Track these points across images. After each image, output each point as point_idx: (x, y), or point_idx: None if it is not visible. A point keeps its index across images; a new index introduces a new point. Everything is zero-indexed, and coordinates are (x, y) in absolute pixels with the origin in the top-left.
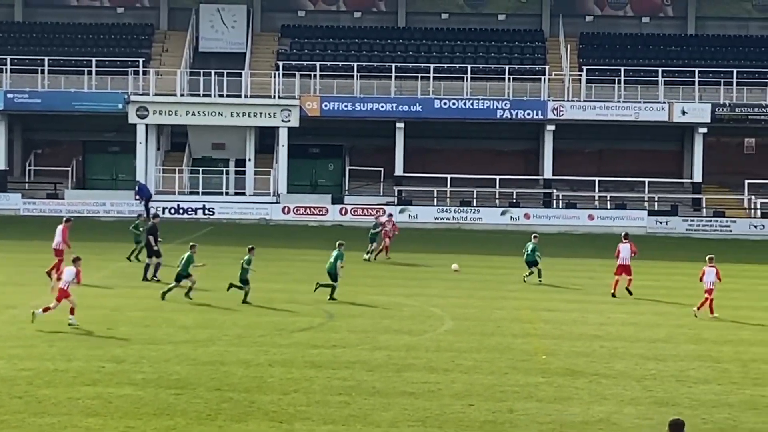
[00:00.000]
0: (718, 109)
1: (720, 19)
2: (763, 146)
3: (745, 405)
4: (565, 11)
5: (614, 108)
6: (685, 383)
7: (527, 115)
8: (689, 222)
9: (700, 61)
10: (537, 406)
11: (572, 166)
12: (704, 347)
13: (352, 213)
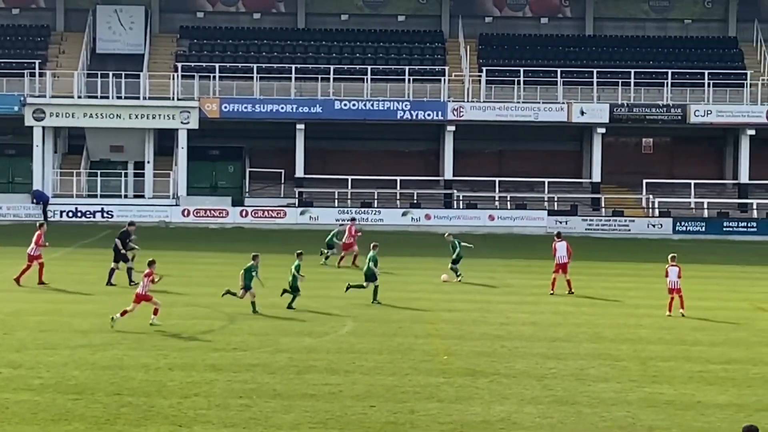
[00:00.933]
0: (616, 109)
1: (617, 20)
2: (661, 146)
3: (644, 402)
4: (465, 12)
5: (514, 108)
6: (584, 381)
7: (427, 116)
8: (588, 221)
9: (598, 61)
10: (438, 407)
11: (473, 166)
12: (603, 346)
13: (253, 215)
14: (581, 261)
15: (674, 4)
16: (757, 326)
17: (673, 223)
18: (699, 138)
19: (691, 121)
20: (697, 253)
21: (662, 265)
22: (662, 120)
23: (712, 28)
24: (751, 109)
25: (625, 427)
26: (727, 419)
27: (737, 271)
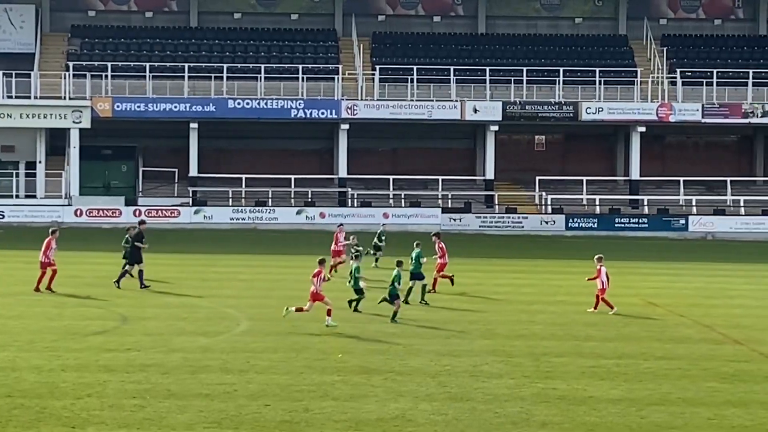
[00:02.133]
0: (508, 107)
1: (509, 18)
2: (553, 143)
3: (537, 398)
4: (358, 11)
5: (407, 107)
6: (478, 378)
7: (321, 114)
8: (482, 219)
9: (490, 59)
10: (333, 405)
11: (367, 164)
12: (497, 342)
13: (146, 214)
14: (476, 258)
15: (565, 3)
16: (648, 321)
17: (565, 220)
18: (591, 135)
19: (583, 118)
20: (590, 249)
21: (556, 261)
22: (554, 117)
23: (603, 27)
24: (642, 107)
25: (518, 422)
26: (619, 413)
27: (629, 267)
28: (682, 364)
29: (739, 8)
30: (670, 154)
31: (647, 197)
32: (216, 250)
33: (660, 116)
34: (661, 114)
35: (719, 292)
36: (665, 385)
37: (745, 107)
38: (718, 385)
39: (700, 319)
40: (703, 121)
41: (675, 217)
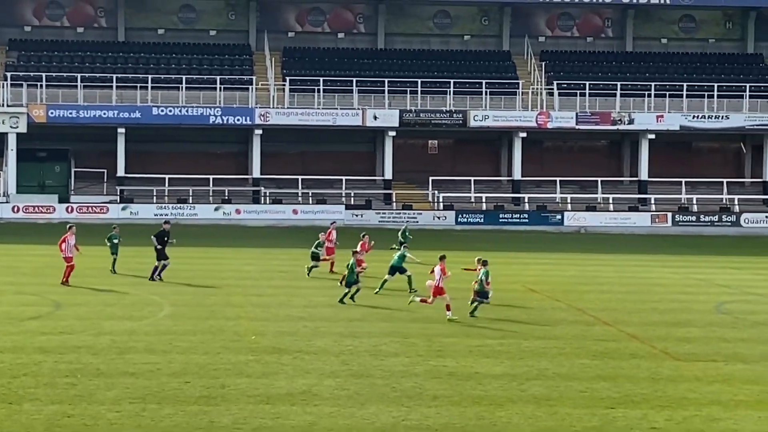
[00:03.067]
0: (405, 114)
1: (406, 35)
2: (445, 147)
3: (429, 374)
4: (270, 27)
5: (314, 114)
6: (377, 356)
7: (237, 120)
8: (381, 214)
9: (389, 72)
10: (247, 381)
11: (278, 166)
12: (395, 325)
13: (78, 211)
14: (376, 249)
15: (455, 22)
16: (528, 306)
17: (455, 216)
18: (478, 140)
19: (471, 125)
20: (477, 242)
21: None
22: (445, 124)
23: (489, 43)
24: (523, 115)
25: (413, 396)
26: (502, 387)
27: (511, 257)
28: (558, 343)
29: (609, 27)
30: (548, 157)
31: (528, 195)
32: (141, 243)
33: (539, 123)
34: (540, 121)
35: (591, 279)
36: (543, 362)
37: (614, 115)
38: (589, 361)
39: (574, 303)
40: (577, 128)
41: (552, 213)
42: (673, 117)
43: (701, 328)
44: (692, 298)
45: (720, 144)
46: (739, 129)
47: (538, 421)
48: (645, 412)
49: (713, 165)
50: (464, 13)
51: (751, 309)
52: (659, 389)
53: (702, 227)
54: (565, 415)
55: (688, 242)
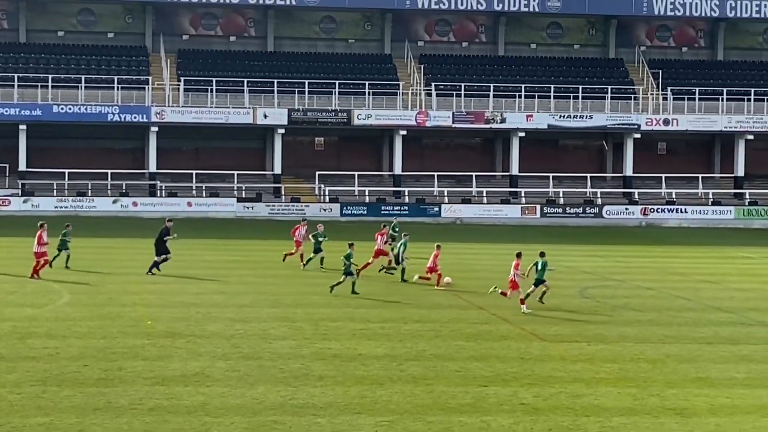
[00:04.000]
0: (293, 113)
1: (294, 38)
2: (330, 144)
3: (315, 356)
4: (165, 31)
5: (208, 112)
6: (266, 340)
7: (134, 118)
8: (271, 207)
9: (278, 73)
10: (143, 364)
11: (173, 161)
12: (282, 310)
13: None
14: (267, 239)
15: (340, 26)
16: (407, 291)
17: (340, 208)
18: (361, 137)
19: (355, 123)
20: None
21: (333, 242)
22: (331, 122)
23: (371, 47)
24: (403, 114)
25: (299, 376)
26: (383, 368)
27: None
28: (435, 326)
29: (482, 33)
30: (427, 153)
31: (408, 189)
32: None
33: (418, 122)
34: (419, 120)
35: (466, 266)
36: (421, 344)
37: (488, 115)
38: (464, 343)
39: (451, 288)
40: (454, 126)
41: (430, 205)
42: (542, 116)
43: (567, 312)
44: (559, 284)
45: (584, 142)
46: (602, 128)
47: (416, 399)
48: (515, 390)
49: (578, 161)
50: (349, 19)
51: (612, 294)
52: (528, 368)
53: (567, 218)
54: (441, 393)
55: (555, 232)
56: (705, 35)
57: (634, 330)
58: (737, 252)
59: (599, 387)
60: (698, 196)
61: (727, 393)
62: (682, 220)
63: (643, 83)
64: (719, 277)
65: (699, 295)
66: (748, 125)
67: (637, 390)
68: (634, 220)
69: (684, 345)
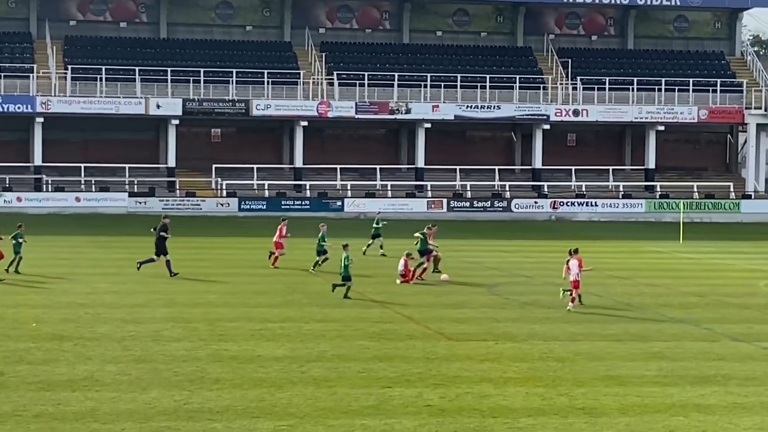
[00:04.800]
0: (188, 103)
1: (188, 25)
2: (228, 135)
3: (212, 358)
4: (51, 16)
5: (97, 102)
6: (159, 342)
7: (18, 109)
8: (165, 202)
9: (172, 61)
10: (27, 369)
11: (61, 154)
12: (177, 310)
13: None
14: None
15: (237, 13)
16: (308, 290)
17: (238, 202)
18: (260, 128)
19: (253, 114)
20: (260, 228)
21: (230, 239)
22: (228, 113)
23: (271, 34)
24: (304, 104)
25: (194, 380)
26: (283, 369)
27: (294, 243)
28: (337, 326)
29: (386, 20)
30: (329, 145)
31: (309, 182)
32: None
33: (320, 112)
34: (321, 110)
35: (371, 263)
36: (323, 344)
37: (392, 105)
38: (368, 342)
39: (354, 286)
40: (357, 117)
41: (333, 199)
42: (448, 107)
43: (474, 309)
44: (466, 281)
45: (492, 133)
46: (510, 118)
47: (318, 402)
48: (420, 391)
49: (486, 153)
50: (246, 4)
51: (520, 290)
52: (434, 368)
53: (475, 212)
54: (344, 395)
55: (462, 227)
56: (615, 23)
57: (543, 327)
58: (648, 246)
59: (507, 387)
60: (609, 188)
61: (638, 391)
62: (592, 213)
63: (552, 72)
64: (630, 272)
65: (609, 291)
66: (659, 116)
67: (546, 389)
68: (543, 214)
69: (594, 342)
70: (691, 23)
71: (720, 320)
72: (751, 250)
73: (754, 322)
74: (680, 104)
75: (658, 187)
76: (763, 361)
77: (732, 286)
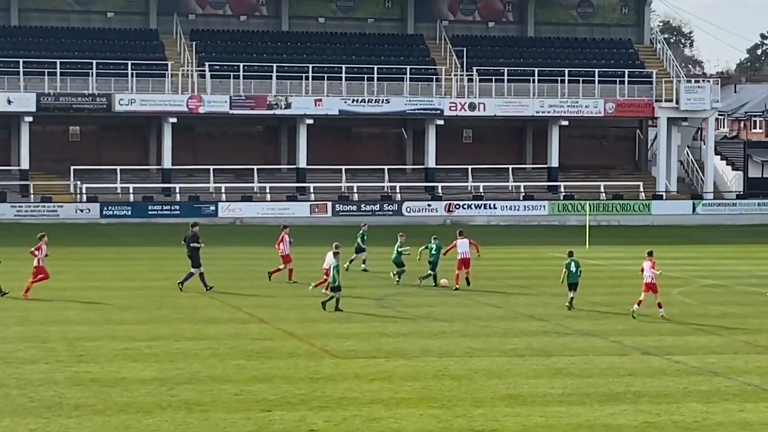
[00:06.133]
0: (43, 98)
1: (42, 11)
2: (88, 134)
3: (71, 381)
4: None
5: None
6: (12, 364)
7: None
8: (18, 208)
9: (24, 51)
10: None
11: None
12: (31, 329)
13: None
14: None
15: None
16: (179, 304)
17: (100, 208)
18: (124, 126)
19: (116, 109)
20: (124, 236)
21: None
22: (88, 109)
23: (135, 21)
24: (173, 99)
25: (52, 406)
26: (150, 393)
27: (162, 252)
28: (212, 343)
29: (263, 5)
30: (201, 144)
31: (179, 185)
32: None
33: (190, 108)
34: (192, 105)
35: (247, 274)
36: (195, 364)
37: (270, 99)
38: (245, 362)
39: (229, 300)
40: (231, 113)
41: (205, 203)
42: (332, 101)
43: (362, 323)
44: (353, 292)
45: (381, 129)
46: (400, 113)
47: (190, 428)
48: (303, 414)
49: (374, 151)
50: None
51: (413, 302)
52: (318, 389)
53: (363, 216)
54: (219, 420)
55: (348, 233)
56: (514, 9)
57: (438, 342)
58: (551, 252)
59: (399, 408)
60: (508, 189)
61: (541, 411)
62: (490, 216)
63: (446, 63)
64: (532, 281)
65: (510, 302)
66: (563, 110)
67: (442, 411)
68: (437, 218)
69: (493, 358)
70: (596, 9)
71: (630, 332)
72: (663, 255)
73: (666, 334)
74: (585, 97)
75: (562, 188)
76: (676, 376)
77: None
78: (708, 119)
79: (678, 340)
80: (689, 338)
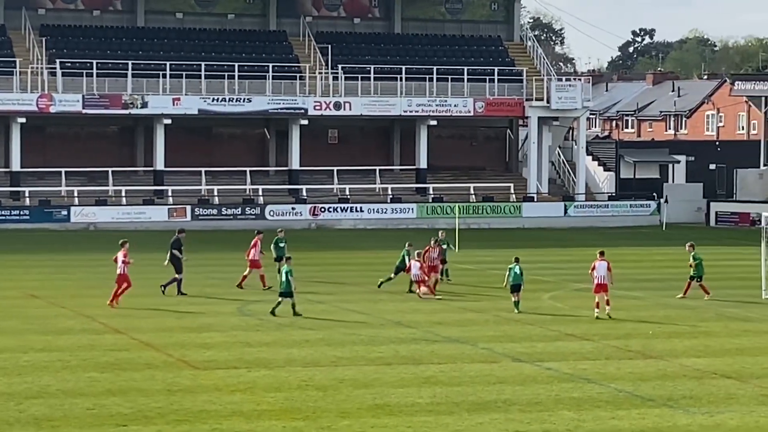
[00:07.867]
0: None
1: None
2: None
3: None
4: None
5: None
6: None
7: None
8: None
9: None
10: None
11: None
12: None
13: None
14: None
15: None
16: (27, 314)
17: None
18: None
19: None
20: None
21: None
22: None
23: None
24: (22, 97)
25: None
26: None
27: (10, 260)
28: (63, 355)
29: (118, 1)
30: (52, 146)
31: (29, 189)
32: None
33: (40, 107)
34: (42, 105)
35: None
36: (45, 378)
37: (125, 98)
38: (98, 374)
39: (82, 310)
40: (84, 112)
41: (57, 208)
42: (191, 100)
43: (222, 333)
44: (213, 300)
45: (242, 130)
46: (263, 113)
47: None
48: (160, 428)
49: (235, 153)
50: None
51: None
52: (176, 402)
53: (224, 221)
54: None
55: (208, 237)
56: (380, 4)
57: (302, 352)
58: None
59: (261, 421)
60: (376, 191)
61: (409, 421)
62: (357, 220)
63: (310, 60)
64: (400, 287)
65: (376, 308)
66: (431, 109)
67: (306, 422)
68: (302, 222)
69: (359, 367)
70: (465, 5)
71: (500, 338)
72: (534, 258)
73: (536, 339)
74: (454, 96)
75: (430, 189)
76: (547, 383)
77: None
78: (579, 119)
79: (549, 346)
80: (560, 344)
